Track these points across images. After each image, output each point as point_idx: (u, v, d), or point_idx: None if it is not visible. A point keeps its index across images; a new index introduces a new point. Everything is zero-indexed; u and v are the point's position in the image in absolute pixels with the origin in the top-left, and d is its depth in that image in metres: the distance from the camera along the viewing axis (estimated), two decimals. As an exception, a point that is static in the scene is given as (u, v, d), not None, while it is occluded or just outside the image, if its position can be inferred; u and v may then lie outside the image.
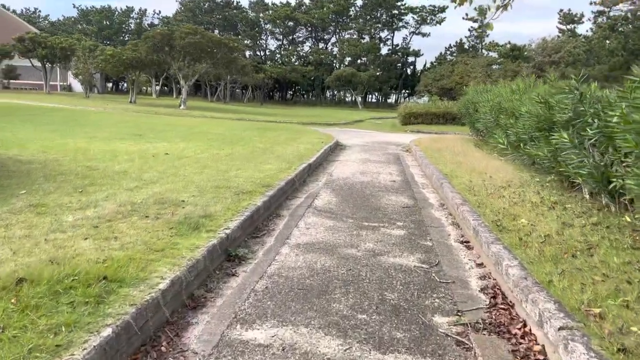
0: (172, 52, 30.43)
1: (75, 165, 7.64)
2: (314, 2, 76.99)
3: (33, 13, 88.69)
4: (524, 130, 8.77)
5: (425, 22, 71.90)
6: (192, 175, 7.24)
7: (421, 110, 28.99)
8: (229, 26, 78.15)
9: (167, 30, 30.88)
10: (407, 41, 75.76)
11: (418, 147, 14.11)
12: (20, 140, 10.75)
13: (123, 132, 14.31)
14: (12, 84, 47.73)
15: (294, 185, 7.98)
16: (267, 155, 10.48)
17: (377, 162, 12.23)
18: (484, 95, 13.87)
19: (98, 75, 50.85)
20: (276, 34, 79.79)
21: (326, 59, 74.10)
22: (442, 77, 52.54)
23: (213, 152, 10.39)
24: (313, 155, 11.12)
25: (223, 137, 14.19)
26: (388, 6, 71.47)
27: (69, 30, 76.77)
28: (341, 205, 7.03)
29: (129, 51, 32.63)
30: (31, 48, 38.86)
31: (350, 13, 75.78)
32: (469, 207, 6.01)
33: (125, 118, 21.15)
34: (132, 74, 34.84)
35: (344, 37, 76.12)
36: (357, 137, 19.86)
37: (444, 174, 8.88)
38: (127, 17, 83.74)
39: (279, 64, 71.89)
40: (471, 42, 69.20)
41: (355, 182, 9.02)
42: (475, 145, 14.04)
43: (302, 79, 70.51)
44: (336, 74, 61.14)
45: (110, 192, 5.73)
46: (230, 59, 33.65)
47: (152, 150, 10.27)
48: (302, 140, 14.83)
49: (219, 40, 31.27)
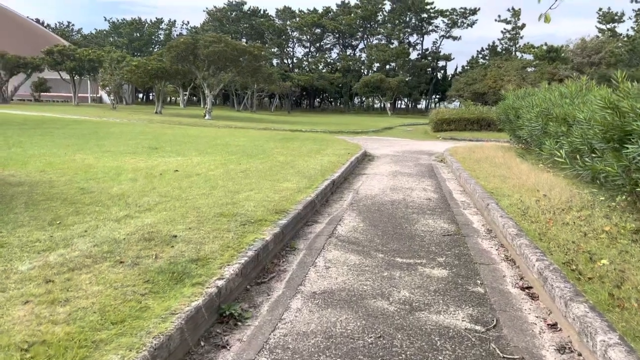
0: (197, 61, 29.97)
1: (69, 187, 6.81)
2: (341, 8, 76.27)
3: (66, 27, 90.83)
4: (581, 140, 7.51)
5: (456, 25, 70.19)
6: (196, 199, 6.29)
7: (454, 116, 27.62)
8: (256, 35, 78.11)
9: (191, 40, 30.45)
10: (437, 45, 74.18)
11: (454, 158, 12.91)
12: (27, 156, 10.12)
13: (139, 145, 13.59)
14: (43, 97, 48.41)
15: (314, 207, 6.95)
16: (286, 170, 9.50)
17: (409, 175, 11.11)
18: (526, 99, 12.58)
19: (127, 86, 51.19)
20: (303, 41, 79.35)
21: (354, 66, 73.17)
22: (474, 82, 50.85)
23: (228, 168, 9.47)
24: (338, 169, 10.08)
25: (243, 150, 13.30)
26: (417, 10, 70.09)
27: (101, 43, 78.19)
28: (369, 232, 5.96)
29: (154, 61, 32.37)
30: (60, 61, 39.17)
31: (378, 18, 74.75)
32: (528, 239, 4.84)
33: (147, 129, 20.58)
34: (157, 85, 34.59)
35: (372, 43, 75.01)
36: (387, 146, 18.74)
37: (488, 191, 7.70)
38: (156, 29, 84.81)
39: (306, 71, 71.34)
40: (504, 44, 67.14)
41: (384, 201, 7.93)
42: (518, 155, 12.74)
43: (329, 86, 69.75)
44: (364, 81, 60.08)
45: (92, 225, 4.81)
46: (255, 67, 33.00)
47: (162, 166, 9.43)
48: (327, 151, 13.82)
49: (243, 48, 30.67)
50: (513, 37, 64.99)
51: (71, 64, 38.90)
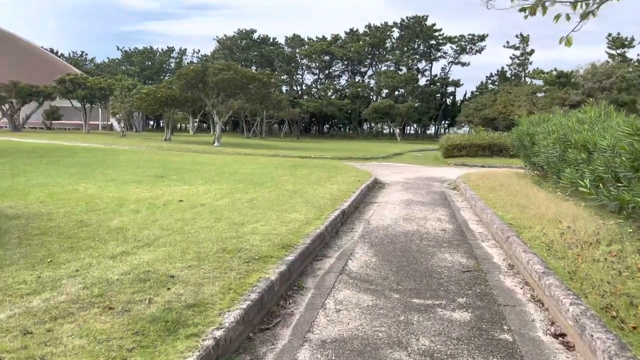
0: (206, 88, 30.07)
1: (67, 220, 6.51)
2: (349, 35, 77.01)
3: (80, 56, 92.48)
4: (605, 169, 7.11)
5: (465, 51, 70.43)
6: (198, 232, 5.96)
7: (465, 142, 27.27)
8: (265, 62, 78.93)
9: (201, 67, 30.63)
10: (446, 71, 74.35)
11: (467, 185, 12.51)
12: (30, 186, 9.90)
13: (145, 173, 13.36)
14: (55, 125, 48.87)
15: (324, 240, 6.58)
16: (295, 199, 9.16)
17: (422, 203, 10.72)
18: (541, 125, 12.22)
19: (137, 113, 51.60)
20: (312, 68, 79.97)
21: (363, 92, 73.44)
22: (484, 107, 50.62)
23: (234, 197, 9.15)
24: (348, 198, 9.74)
25: (251, 178, 13.01)
26: (425, 37, 70.54)
27: (113, 72, 79.42)
28: (382, 268, 5.56)
29: (163, 89, 32.55)
30: (71, 89, 39.59)
31: (386, 45, 75.29)
32: (557, 279, 4.43)
33: (155, 157, 20.44)
34: (167, 112, 34.72)
35: (380, 70, 75.43)
36: (397, 173, 18.38)
37: (507, 222, 7.30)
38: (167, 57, 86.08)
39: (315, 98, 71.64)
40: (513, 70, 67.10)
41: (398, 233, 7.55)
42: (534, 182, 12.32)
43: (338, 112, 69.90)
44: (373, 107, 60.14)
45: (85, 263, 4.48)
46: (264, 94, 33.05)
47: (167, 196, 9.14)
48: (337, 179, 13.50)
49: (252, 75, 30.77)
50: (522, 62, 65.02)
51: (82, 92, 39.30)
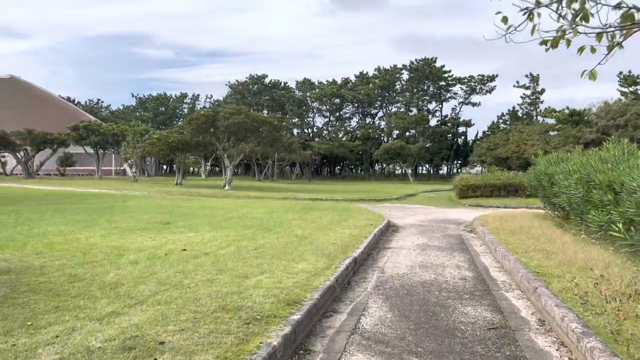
0: (217, 132, 30.17)
1: (60, 274, 6.11)
2: (359, 78, 78.03)
3: (96, 104, 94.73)
4: (637, 211, 6.60)
5: (475, 91, 70.81)
6: (198, 287, 5.50)
7: (479, 182, 26.76)
8: (277, 106, 79.98)
9: (212, 112, 30.84)
10: (456, 111, 74.64)
11: (485, 228, 11.96)
12: (30, 236, 9.59)
13: (152, 220, 13.02)
14: (68, 171, 49.32)
15: (334, 293, 6.07)
16: (304, 246, 8.70)
17: (439, 248, 10.18)
18: (560, 165, 11.75)
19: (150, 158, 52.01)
20: (323, 111, 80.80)
21: (374, 133, 73.71)
22: (496, 147, 50.25)
23: (240, 245, 8.72)
24: (360, 244, 9.25)
25: (259, 222, 12.60)
26: (435, 78, 71.19)
27: (127, 118, 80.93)
28: (399, 325, 5.03)
29: (175, 134, 32.76)
30: (85, 136, 40.10)
31: (396, 87, 76.09)
32: (600, 342, 3.88)
33: (164, 202, 20.19)
34: (178, 157, 34.83)
35: (391, 111, 75.99)
36: (411, 215, 17.86)
37: (533, 270, 6.75)
38: (181, 103, 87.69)
39: (326, 140, 71.98)
40: (525, 109, 67.08)
41: (414, 283, 7.01)
42: (556, 224, 11.74)
43: (350, 154, 69.95)
44: (384, 148, 60.10)
45: (68, 327, 4.04)
46: (275, 137, 33.09)
47: (170, 244, 8.74)
48: (348, 222, 13.03)
49: (263, 119, 30.90)
50: (533, 101, 65.04)
51: (95, 138, 39.78)
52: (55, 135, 41.62)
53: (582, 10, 4.06)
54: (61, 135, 41.66)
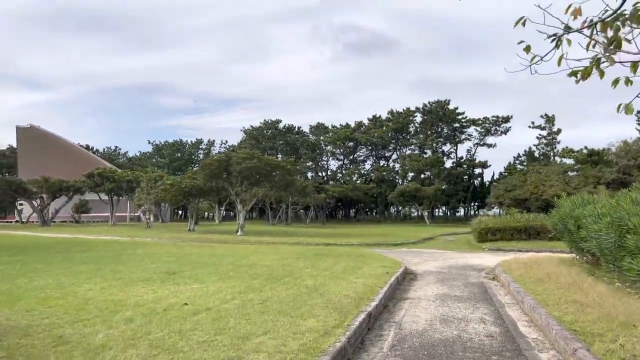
0: (230, 177, 29.97)
1: (45, 335, 5.59)
2: (372, 122, 78.37)
3: (114, 151, 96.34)
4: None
5: (490, 133, 70.44)
6: (192, 351, 4.92)
7: (499, 225, 25.90)
8: (291, 150, 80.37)
9: (224, 157, 30.78)
10: (472, 153, 74.04)
11: (509, 276, 11.20)
12: (28, 289, 9.19)
13: (158, 269, 12.52)
14: (83, 218, 49.41)
15: (345, 356, 5.43)
16: (314, 299, 8.08)
17: (460, 299, 9.45)
18: (587, 207, 11.06)
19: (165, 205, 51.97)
20: (337, 154, 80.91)
21: (388, 176, 73.27)
22: (514, 188, 49.31)
23: (246, 298, 8.13)
24: (375, 295, 8.60)
25: (269, 271, 12.00)
26: (449, 120, 71.16)
27: (144, 164, 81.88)
28: (419, 398, 4.36)
29: (188, 180, 32.65)
30: (99, 183, 40.27)
31: (410, 129, 76.15)
32: None
33: (173, 250, 19.73)
34: (191, 202, 34.61)
35: (405, 153, 75.77)
36: (429, 261, 17.09)
37: (568, 327, 6.04)
38: (196, 149, 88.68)
39: (340, 183, 71.66)
40: (541, 149, 66.25)
41: (435, 341, 6.32)
42: (586, 271, 10.93)
43: (364, 197, 69.38)
44: (399, 190, 59.49)
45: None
46: (288, 181, 32.79)
47: (172, 298, 8.20)
48: (363, 270, 12.36)
49: (276, 163, 30.71)
50: (550, 142, 64.29)
51: (110, 185, 39.93)
52: (71, 182, 41.91)
53: (615, 37, 3.59)
54: (77, 182, 41.96)
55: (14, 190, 40.46)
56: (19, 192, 40.64)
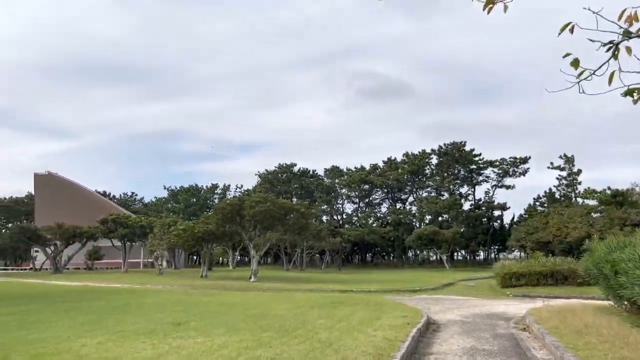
0: (243, 221, 29.44)
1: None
2: (387, 164, 77.94)
3: (130, 197, 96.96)
4: None
5: (508, 174, 69.35)
6: None
7: (523, 269, 24.74)
8: (305, 193, 80.00)
9: (237, 201, 30.37)
10: (490, 195, 72.76)
11: (542, 326, 10.21)
12: (23, 343, 8.65)
13: (164, 320, 11.80)
14: (96, 264, 48.99)
15: None
16: (329, 356, 7.28)
17: (490, 353, 8.53)
18: (626, 251, 10.17)
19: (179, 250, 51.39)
20: (352, 197, 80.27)
21: (405, 219, 72.14)
22: (535, 230, 47.89)
23: (253, 355, 7.37)
24: (396, 352, 7.77)
25: (280, 322, 11.19)
26: (465, 162, 70.41)
27: (159, 210, 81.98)
28: None
29: (201, 224, 32.19)
30: (113, 229, 40.02)
31: (426, 172, 75.44)
32: None
33: (183, 298, 19.00)
34: (204, 247, 34.01)
35: (421, 196, 74.77)
36: (452, 309, 16.05)
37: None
38: (211, 194, 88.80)
39: (356, 226, 70.62)
40: (562, 190, 64.81)
41: (468, 409, 5.46)
42: (628, 322, 9.93)
43: (381, 240, 68.14)
44: (417, 233, 58.26)
45: None
46: (302, 225, 32.11)
47: (172, 354, 7.50)
48: (382, 321, 11.47)
49: (290, 206, 30.17)
50: (570, 183, 62.92)
51: (123, 231, 39.63)
52: (85, 229, 41.74)
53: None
54: (90, 228, 41.78)
55: (28, 237, 40.37)
56: (33, 238, 40.52)
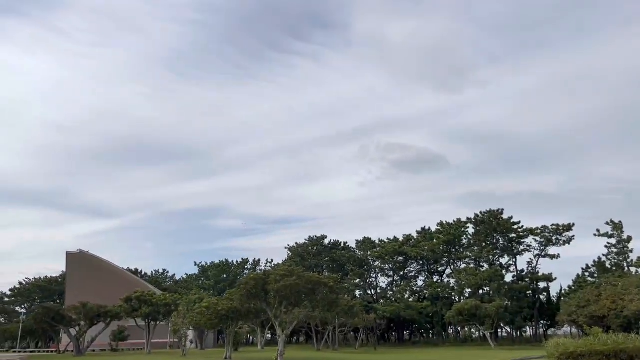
0: (268, 297, 27.56)
1: None
2: (422, 235, 75.07)
3: (161, 274, 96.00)
4: None
5: (551, 242, 65.09)
6: None
7: (582, 349, 21.63)
8: (337, 267, 77.42)
9: (262, 275, 28.69)
10: (533, 265, 68.17)
11: None
12: None
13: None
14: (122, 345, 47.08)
15: None
16: None
17: None
18: None
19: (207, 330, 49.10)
20: (386, 270, 77.03)
21: (443, 292, 68.13)
22: (587, 304, 43.92)
23: None
24: None
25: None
26: (504, 230, 66.96)
27: (189, 287, 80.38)
28: None
29: (225, 301, 30.40)
30: (137, 307, 38.56)
31: (462, 242, 72.06)
32: None
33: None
34: (230, 326, 31.93)
35: (459, 267, 70.87)
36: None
37: None
38: (242, 269, 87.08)
39: (391, 301, 66.98)
40: (612, 259, 60.21)
41: None
42: None
43: (418, 316, 64.14)
44: (457, 308, 54.44)
45: None
46: (332, 300, 29.90)
47: None
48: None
49: (317, 280, 28.17)
50: (621, 251, 58.51)
51: (147, 309, 38.07)
52: (109, 308, 40.36)
53: None
54: (115, 307, 40.37)
55: (52, 318, 39.18)
56: (56, 319, 39.30)
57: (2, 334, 63.62)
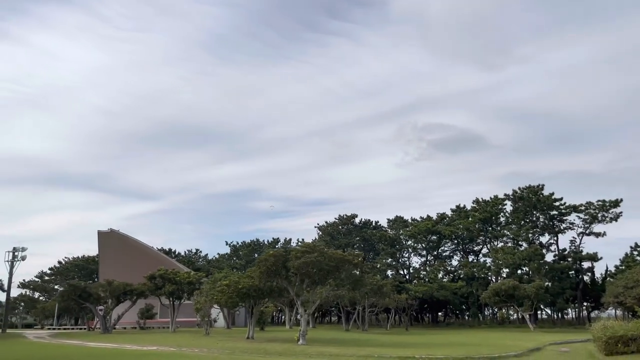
0: (289, 275, 26.20)
1: None
2: (456, 213, 72.33)
3: (195, 254, 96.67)
4: None
5: (596, 219, 61.17)
6: None
7: (633, 332, 19.41)
8: (367, 246, 75.82)
9: (282, 251, 27.31)
10: (576, 244, 64.48)
11: None
12: None
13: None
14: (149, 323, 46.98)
15: None
16: None
17: None
18: None
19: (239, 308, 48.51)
20: (419, 249, 74.82)
21: (479, 272, 65.51)
22: (636, 284, 40.81)
23: None
24: None
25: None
26: (544, 207, 63.47)
27: (221, 266, 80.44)
28: None
29: (246, 279, 29.23)
30: (160, 285, 37.99)
31: (500, 220, 68.85)
32: None
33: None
34: (252, 304, 30.82)
35: (496, 246, 67.86)
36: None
37: None
38: (272, 248, 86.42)
39: (424, 282, 64.93)
40: (664, 237, 56.41)
41: None
42: None
43: (452, 297, 61.99)
44: (493, 289, 52.01)
45: None
46: (357, 279, 28.33)
47: None
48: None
49: (340, 257, 26.53)
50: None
51: (170, 287, 37.45)
52: (135, 286, 40.03)
53: None
54: (140, 285, 40.01)
55: (79, 295, 39.11)
56: (83, 297, 39.20)
57: (42, 311, 65.24)
